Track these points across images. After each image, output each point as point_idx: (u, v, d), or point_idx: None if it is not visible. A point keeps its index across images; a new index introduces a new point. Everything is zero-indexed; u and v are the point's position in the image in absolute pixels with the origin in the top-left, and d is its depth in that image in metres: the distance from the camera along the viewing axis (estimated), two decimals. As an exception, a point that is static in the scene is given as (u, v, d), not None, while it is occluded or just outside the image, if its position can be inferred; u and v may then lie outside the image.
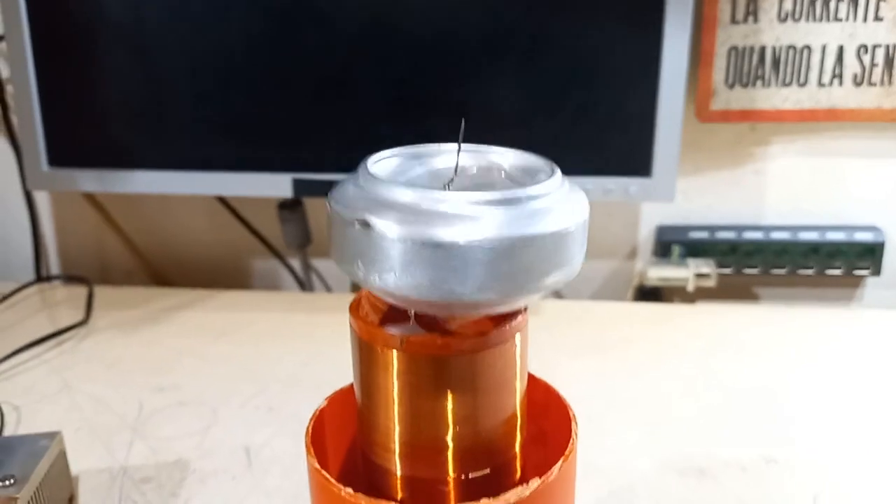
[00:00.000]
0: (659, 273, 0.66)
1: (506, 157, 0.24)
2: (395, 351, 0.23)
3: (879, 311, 0.65)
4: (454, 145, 0.24)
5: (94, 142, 0.65)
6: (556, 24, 0.57)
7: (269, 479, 0.44)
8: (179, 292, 0.73)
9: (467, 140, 0.23)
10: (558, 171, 0.22)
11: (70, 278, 0.76)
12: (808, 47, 0.62)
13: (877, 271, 0.67)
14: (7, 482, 0.36)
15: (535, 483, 0.23)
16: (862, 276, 0.69)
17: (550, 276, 0.20)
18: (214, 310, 0.69)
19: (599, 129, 0.59)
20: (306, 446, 0.26)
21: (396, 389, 0.24)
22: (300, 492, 0.43)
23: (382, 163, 0.24)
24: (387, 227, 0.20)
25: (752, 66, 0.63)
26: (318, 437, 0.28)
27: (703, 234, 0.68)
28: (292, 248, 0.72)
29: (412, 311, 0.23)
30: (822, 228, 0.68)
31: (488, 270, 0.19)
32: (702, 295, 0.70)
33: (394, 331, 0.23)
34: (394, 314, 0.24)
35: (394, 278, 0.20)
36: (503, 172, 0.23)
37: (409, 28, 0.59)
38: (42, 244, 0.80)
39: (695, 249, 0.68)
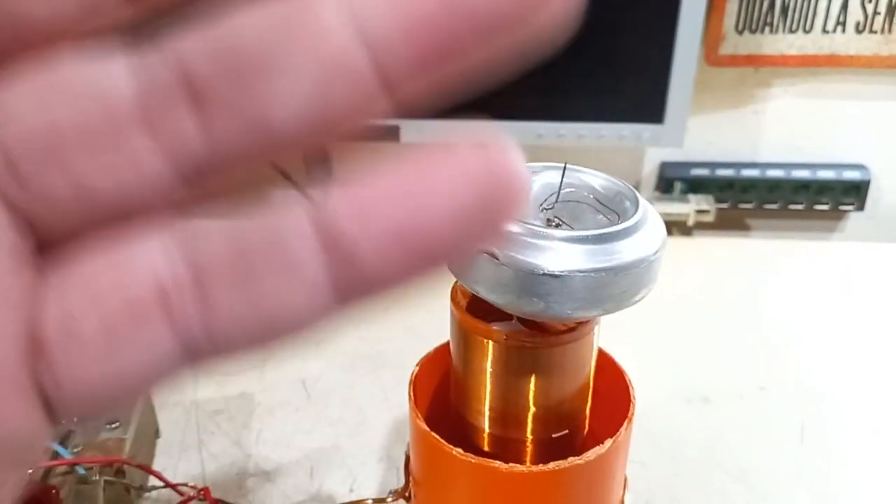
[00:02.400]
0: (662, 209, 0.71)
1: (594, 179, 0.28)
2: (493, 341, 0.28)
3: (862, 243, 0.71)
4: (553, 165, 0.28)
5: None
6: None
7: (329, 409, 0.50)
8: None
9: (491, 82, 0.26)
10: (641, 199, 0.26)
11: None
12: (816, -5, 0.65)
13: (861, 207, 0.73)
14: (114, 425, 0.41)
15: (609, 442, 0.29)
16: (846, 211, 0.75)
17: (640, 294, 0.25)
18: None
19: (617, 77, 0.62)
20: (411, 409, 0.32)
21: (490, 370, 0.29)
22: (361, 420, 0.49)
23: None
24: (509, 260, 0.24)
25: (762, 13, 0.66)
26: (415, 395, 0.33)
27: (704, 172, 0.73)
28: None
29: (516, 313, 0.28)
30: (814, 166, 0.73)
31: (591, 295, 0.24)
32: (699, 227, 0.76)
33: (497, 327, 0.28)
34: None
35: (513, 299, 0.25)
36: (592, 194, 0.27)
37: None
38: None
39: (695, 185, 0.73)
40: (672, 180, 0.73)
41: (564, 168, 0.27)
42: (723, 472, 0.45)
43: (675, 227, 0.77)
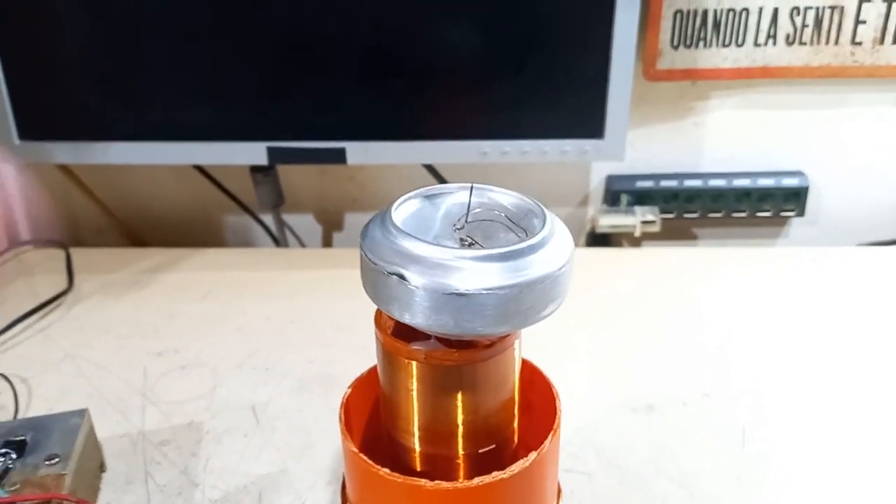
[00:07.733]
0: (609, 221, 0.73)
1: (504, 197, 0.29)
2: (415, 361, 0.29)
3: (804, 248, 0.73)
4: (464, 186, 0.28)
5: (66, 114, 0.65)
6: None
7: (277, 434, 0.50)
8: (157, 252, 0.76)
9: (435, 103, 0.27)
10: (548, 214, 0.27)
11: (43, 242, 0.78)
12: (747, 9, 0.67)
13: (801, 212, 0.75)
14: (53, 461, 0.41)
15: (532, 455, 0.30)
16: (788, 217, 0.77)
17: (548, 308, 0.26)
18: (195, 269, 0.72)
19: (556, 94, 0.64)
20: (341, 432, 0.32)
21: (415, 389, 0.30)
22: (309, 444, 0.49)
23: (404, 206, 0.28)
24: (417, 281, 0.24)
25: (696, 28, 0.68)
26: (346, 417, 0.34)
27: (649, 183, 0.75)
28: (266, 209, 0.75)
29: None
30: (754, 175, 0.75)
31: (500, 311, 0.25)
32: (647, 237, 0.77)
33: (417, 346, 0.28)
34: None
35: (424, 318, 0.25)
36: (504, 213, 0.28)
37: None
38: (8, 206, 0.81)
39: (641, 197, 0.75)
40: (618, 193, 0.75)
41: (472, 188, 0.27)
42: (666, 479, 0.46)
43: (624, 238, 0.78)
